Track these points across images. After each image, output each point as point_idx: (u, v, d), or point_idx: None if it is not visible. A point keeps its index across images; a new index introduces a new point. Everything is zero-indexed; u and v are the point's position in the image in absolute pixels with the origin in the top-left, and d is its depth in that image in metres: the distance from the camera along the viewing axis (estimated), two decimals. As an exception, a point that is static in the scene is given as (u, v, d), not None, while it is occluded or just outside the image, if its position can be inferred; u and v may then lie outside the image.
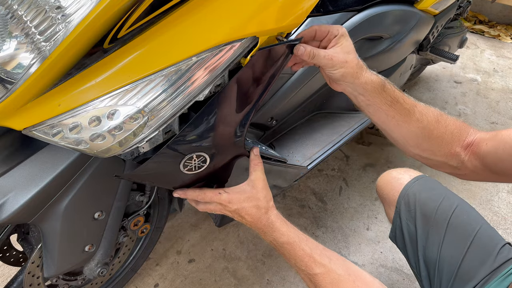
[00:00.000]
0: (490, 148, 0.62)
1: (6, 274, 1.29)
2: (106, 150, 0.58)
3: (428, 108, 0.68)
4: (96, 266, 0.95)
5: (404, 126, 0.68)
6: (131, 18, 0.51)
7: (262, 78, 0.63)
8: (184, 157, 0.65)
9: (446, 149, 0.67)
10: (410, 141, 0.70)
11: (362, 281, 0.62)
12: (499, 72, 2.69)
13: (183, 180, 0.71)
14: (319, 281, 0.62)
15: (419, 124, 0.67)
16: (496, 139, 0.62)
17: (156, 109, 0.55)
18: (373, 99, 0.67)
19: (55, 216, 0.75)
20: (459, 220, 0.87)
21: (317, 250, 0.66)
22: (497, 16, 3.34)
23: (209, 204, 0.71)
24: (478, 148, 0.64)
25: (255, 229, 0.70)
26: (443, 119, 0.67)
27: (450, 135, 0.66)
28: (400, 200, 0.97)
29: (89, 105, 0.53)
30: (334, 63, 0.63)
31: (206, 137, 0.64)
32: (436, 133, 0.67)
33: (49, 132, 0.55)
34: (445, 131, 0.67)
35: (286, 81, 1.12)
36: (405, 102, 0.67)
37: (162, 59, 0.53)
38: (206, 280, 1.34)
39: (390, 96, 0.66)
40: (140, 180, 0.67)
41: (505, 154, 0.59)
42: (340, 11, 1.16)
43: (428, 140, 0.68)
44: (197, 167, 0.68)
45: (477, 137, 0.65)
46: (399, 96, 0.67)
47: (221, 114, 0.62)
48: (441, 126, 0.67)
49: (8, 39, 0.50)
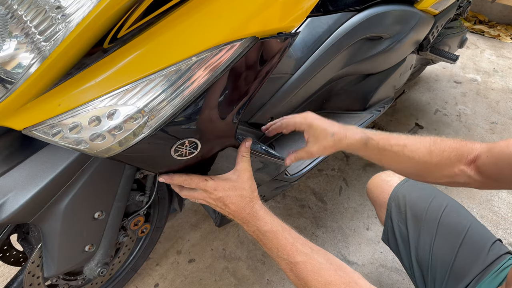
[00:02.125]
0: (490, 159, 0.67)
1: (6, 274, 1.29)
2: (106, 150, 0.57)
3: (419, 143, 0.73)
4: (96, 266, 0.95)
5: (398, 165, 0.75)
6: (131, 18, 0.51)
7: (258, 69, 0.64)
8: (177, 142, 0.65)
9: (448, 172, 0.72)
10: (409, 174, 0.77)
11: (343, 271, 0.61)
12: (499, 72, 2.69)
13: (170, 165, 0.71)
14: (301, 270, 0.62)
15: (412, 160, 0.72)
16: (495, 151, 0.66)
17: (156, 109, 0.55)
18: (360, 153, 0.76)
19: (55, 216, 0.75)
20: (449, 219, 0.88)
21: (300, 240, 0.66)
22: (497, 16, 3.34)
23: (193, 191, 0.70)
24: (479, 161, 0.69)
25: (238, 219, 0.68)
26: (436, 148, 0.72)
27: (448, 160, 0.71)
28: (390, 202, 0.97)
29: (89, 105, 0.53)
30: (315, 154, 0.76)
31: (199, 123, 0.63)
32: (432, 162, 0.72)
33: (49, 132, 0.55)
34: (441, 159, 0.71)
35: (286, 81, 1.12)
36: (393, 147, 0.73)
37: (162, 59, 0.53)
38: (206, 280, 1.34)
39: (375, 149, 0.73)
40: (127, 160, 0.66)
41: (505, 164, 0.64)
42: (340, 11, 1.16)
43: (426, 170, 0.73)
44: (188, 153, 0.68)
45: (478, 152, 0.69)
46: (385, 144, 0.73)
47: (217, 100, 0.62)
48: (435, 155, 0.72)
49: (8, 39, 0.50)
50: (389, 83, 1.53)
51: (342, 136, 0.74)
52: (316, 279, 0.60)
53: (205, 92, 0.59)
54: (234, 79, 0.61)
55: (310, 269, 0.61)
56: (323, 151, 0.75)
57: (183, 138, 0.64)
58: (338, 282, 0.59)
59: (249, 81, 0.64)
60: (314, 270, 0.61)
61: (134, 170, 0.87)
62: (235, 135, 0.73)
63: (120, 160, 0.64)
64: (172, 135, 0.63)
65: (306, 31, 1.12)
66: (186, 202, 1.29)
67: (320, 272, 0.61)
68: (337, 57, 1.19)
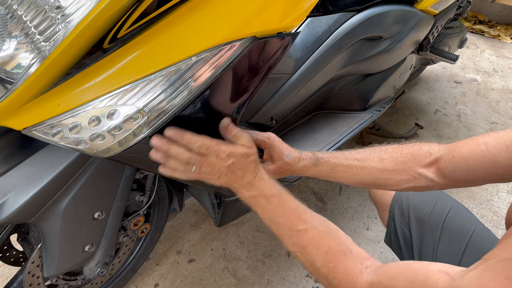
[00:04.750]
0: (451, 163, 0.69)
1: (6, 274, 1.29)
2: (106, 150, 0.58)
3: (368, 153, 0.77)
4: (96, 266, 0.95)
5: (352, 178, 0.77)
6: (131, 18, 0.51)
7: (258, 69, 0.64)
8: None
9: (406, 177, 0.73)
10: (366, 185, 0.78)
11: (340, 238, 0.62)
12: (499, 72, 2.69)
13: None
14: (301, 238, 0.62)
15: (364, 170, 0.75)
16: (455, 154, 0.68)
17: (155, 109, 0.55)
18: (314, 174, 0.78)
19: (55, 216, 0.75)
20: (453, 222, 0.87)
21: (301, 207, 0.65)
22: (497, 16, 3.34)
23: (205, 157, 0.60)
24: (441, 164, 0.71)
25: (242, 184, 0.63)
26: (388, 155, 0.75)
27: (403, 165, 0.73)
28: (393, 204, 0.97)
29: (88, 105, 0.53)
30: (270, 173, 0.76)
31: (197, 122, 0.63)
32: (387, 169, 0.74)
33: (48, 132, 0.55)
34: (395, 164, 0.74)
35: (286, 81, 1.12)
36: (343, 161, 0.76)
37: (161, 59, 0.53)
38: (206, 280, 1.34)
39: (327, 167, 0.76)
40: (126, 161, 0.66)
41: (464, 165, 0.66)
42: (340, 11, 1.16)
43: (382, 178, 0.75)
44: None
45: (439, 155, 0.71)
46: (336, 160, 0.77)
47: (216, 100, 0.62)
48: (388, 162, 0.74)
49: (8, 39, 0.51)
50: (389, 83, 1.53)
51: (297, 158, 0.76)
52: (316, 248, 0.60)
53: (205, 91, 0.59)
54: (233, 79, 0.61)
55: (311, 238, 0.61)
56: (277, 170, 0.77)
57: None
58: (335, 251, 0.60)
59: (248, 80, 0.64)
60: (315, 239, 0.61)
61: (134, 170, 0.87)
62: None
63: (119, 160, 0.64)
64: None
65: (306, 31, 1.12)
66: (186, 203, 1.29)
67: (321, 241, 0.61)
68: (337, 57, 1.19)
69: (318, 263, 0.60)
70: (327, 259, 0.59)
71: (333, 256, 0.59)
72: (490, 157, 0.63)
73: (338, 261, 0.59)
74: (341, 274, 0.58)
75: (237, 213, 1.16)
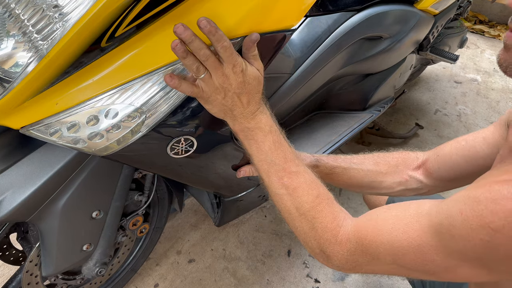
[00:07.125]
0: (436, 162, 0.74)
1: (6, 274, 1.29)
2: (104, 148, 0.58)
3: (363, 157, 0.81)
4: (94, 266, 0.95)
5: (348, 180, 0.80)
6: (128, 16, 0.51)
7: None
8: (173, 139, 0.65)
9: (398, 179, 0.78)
10: (362, 188, 0.81)
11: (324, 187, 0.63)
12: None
13: (166, 164, 0.71)
14: (293, 179, 0.61)
15: (360, 172, 0.78)
16: (439, 153, 0.75)
17: (153, 107, 0.55)
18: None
19: (53, 214, 0.75)
20: None
21: (294, 151, 0.65)
22: (497, 16, 3.33)
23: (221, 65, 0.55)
24: (428, 164, 0.76)
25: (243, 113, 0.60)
26: (381, 159, 0.80)
27: (395, 168, 0.79)
28: None
29: (86, 104, 0.53)
30: None
31: (195, 121, 0.63)
32: (381, 171, 0.78)
33: (46, 131, 0.55)
34: (388, 167, 0.79)
35: (285, 80, 1.11)
36: (341, 163, 0.79)
37: (159, 57, 0.53)
38: (206, 280, 1.34)
39: (326, 168, 0.78)
40: (124, 160, 0.66)
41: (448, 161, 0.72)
42: (339, 11, 1.16)
43: (377, 180, 0.78)
44: (184, 151, 0.68)
45: (425, 158, 0.77)
46: (334, 162, 0.79)
47: None
48: (382, 165, 0.79)
49: (5, 38, 0.51)
50: (389, 83, 1.52)
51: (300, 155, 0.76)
52: (307, 191, 0.60)
53: None
54: None
55: (302, 181, 0.61)
56: None
57: (179, 136, 0.64)
58: (324, 197, 0.60)
59: None
60: (307, 182, 0.61)
61: (132, 170, 0.87)
62: (231, 133, 0.74)
63: (117, 159, 0.64)
64: (168, 134, 0.63)
65: (306, 31, 1.12)
66: (185, 203, 1.29)
67: (312, 185, 0.61)
68: (337, 56, 1.19)
69: (306, 205, 0.59)
70: (317, 202, 0.59)
71: (322, 201, 0.60)
72: (470, 149, 0.70)
73: (326, 206, 0.60)
74: (328, 218, 0.58)
75: (237, 213, 1.16)
